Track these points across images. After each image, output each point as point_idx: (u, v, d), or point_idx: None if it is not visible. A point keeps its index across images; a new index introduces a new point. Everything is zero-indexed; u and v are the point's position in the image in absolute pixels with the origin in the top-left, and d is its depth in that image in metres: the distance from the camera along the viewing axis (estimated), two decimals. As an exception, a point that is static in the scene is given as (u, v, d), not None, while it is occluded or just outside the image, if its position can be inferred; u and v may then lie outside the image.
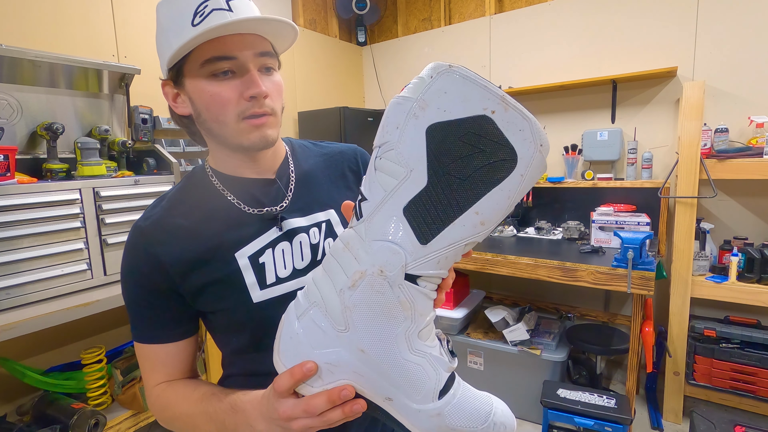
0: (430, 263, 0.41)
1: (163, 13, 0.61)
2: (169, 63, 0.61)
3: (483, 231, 0.41)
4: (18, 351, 1.59)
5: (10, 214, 1.32)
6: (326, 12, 3.36)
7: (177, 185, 0.71)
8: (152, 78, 2.10)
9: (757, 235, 2.24)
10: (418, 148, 0.39)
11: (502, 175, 0.39)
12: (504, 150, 0.38)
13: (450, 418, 0.43)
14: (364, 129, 2.95)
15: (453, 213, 0.40)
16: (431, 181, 0.39)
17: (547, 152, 0.40)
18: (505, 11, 2.93)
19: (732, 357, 2.04)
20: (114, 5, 1.96)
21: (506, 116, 0.38)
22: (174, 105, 0.65)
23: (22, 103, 1.60)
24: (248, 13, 0.59)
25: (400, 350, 0.43)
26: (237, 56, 0.59)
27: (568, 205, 2.73)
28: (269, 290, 0.64)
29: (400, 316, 0.42)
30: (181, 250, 0.63)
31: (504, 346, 2.28)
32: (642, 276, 1.83)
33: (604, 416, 1.83)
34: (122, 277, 0.67)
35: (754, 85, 2.19)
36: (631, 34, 2.48)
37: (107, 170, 1.65)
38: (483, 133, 0.38)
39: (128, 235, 0.67)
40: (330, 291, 0.44)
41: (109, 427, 1.49)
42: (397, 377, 0.43)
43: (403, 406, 0.44)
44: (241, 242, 0.64)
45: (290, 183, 0.71)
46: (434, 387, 0.43)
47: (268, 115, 0.62)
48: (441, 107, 0.38)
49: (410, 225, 0.40)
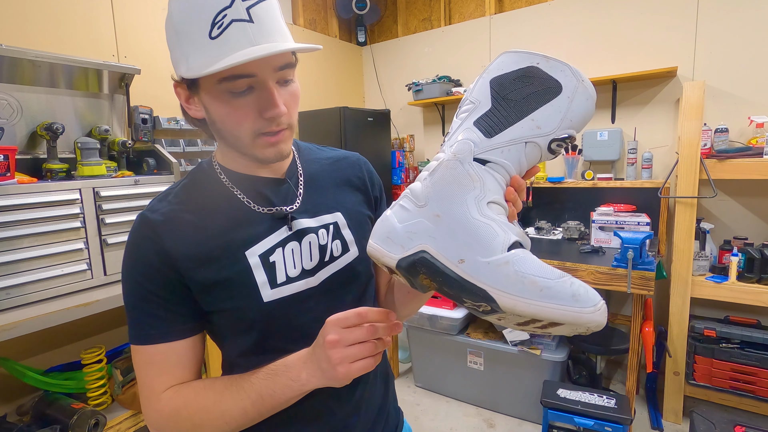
0: (495, 152, 0.51)
1: (177, 9, 0.56)
2: (184, 75, 0.58)
3: (539, 133, 0.51)
4: (18, 351, 1.59)
5: (10, 214, 1.31)
6: (326, 12, 3.36)
7: (182, 180, 0.69)
8: (152, 78, 2.10)
9: (757, 235, 2.24)
10: (483, 91, 0.54)
11: (550, 97, 0.51)
12: (550, 81, 0.51)
13: (519, 265, 0.45)
14: (364, 129, 2.95)
15: (512, 119, 0.52)
16: (494, 104, 0.53)
17: (591, 89, 0.52)
18: (505, 11, 2.93)
19: (732, 357, 2.04)
20: (114, 5, 1.96)
21: (548, 64, 0.52)
22: (187, 106, 0.63)
23: (22, 103, 1.60)
24: (270, 25, 0.56)
25: (470, 211, 0.48)
26: (257, 74, 0.56)
27: (568, 205, 2.73)
28: (279, 290, 0.64)
29: (470, 185, 0.50)
30: (190, 246, 0.61)
31: (504, 346, 2.28)
32: (642, 276, 1.83)
33: (604, 416, 1.83)
34: (126, 272, 0.62)
35: (754, 85, 2.19)
36: (631, 34, 2.48)
37: (107, 170, 1.65)
38: (532, 74, 0.52)
39: (134, 226, 0.63)
40: (415, 183, 0.54)
41: (109, 427, 1.49)
42: (467, 236, 0.47)
43: (474, 264, 0.46)
44: (251, 241, 0.63)
45: (299, 184, 0.71)
46: (503, 243, 0.46)
47: (284, 130, 0.61)
48: (499, 68, 0.54)
49: (478, 128, 0.52)
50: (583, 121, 0.53)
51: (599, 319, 0.43)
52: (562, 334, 0.48)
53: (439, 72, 3.16)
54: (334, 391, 0.63)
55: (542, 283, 0.43)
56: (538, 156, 0.53)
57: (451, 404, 2.49)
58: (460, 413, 2.40)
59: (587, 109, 0.52)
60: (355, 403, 0.71)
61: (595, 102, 0.54)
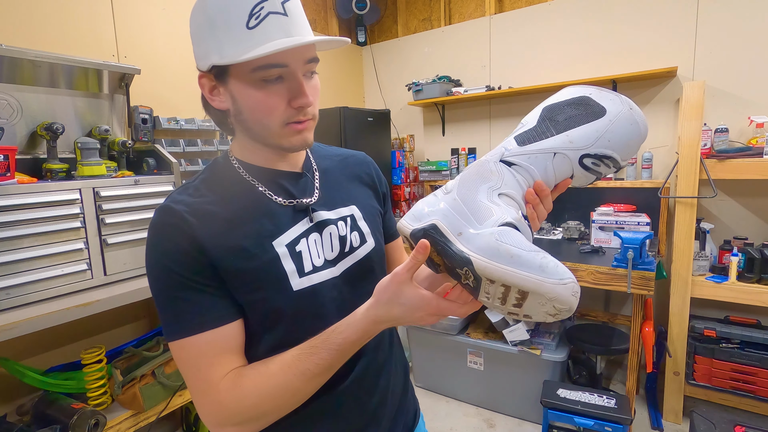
0: (522, 157, 0.57)
1: (213, 2, 0.58)
2: (216, 63, 0.60)
3: (570, 147, 0.56)
4: (18, 351, 1.59)
5: (10, 214, 1.32)
6: (326, 12, 3.36)
7: (200, 175, 0.69)
8: (152, 78, 2.10)
9: (757, 235, 2.24)
10: (535, 114, 0.61)
11: (592, 119, 0.56)
12: (596, 107, 0.57)
13: (501, 236, 0.50)
14: (364, 129, 2.95)
15: (548, 134, 0.57)
16: (539, 123, 0.59)
17: (639, 115, 0.56)
18: (505, 11, 2.93)
19: (732, 357, 2.04)
20: (114, 5, 1.96)
21: (600, 94, 0.58)
22: (210, 97, 0.64)
23: (22, 103, 1.60)
24: (302, 20, 0.61)
25: (479, 195, 0.55)
26: (289, 64, 0.59)
27: (568, 205, 2.73)
28: (307, 278, 0.65)
29: (489, 178, 0.56)
30: (218, 236, 0.60)
31: (504, 346, 2.28)
32: (642, 276, 1.83)
33: (604, 416, 1.83)
34: (156, 264, 0.59)
35: (754, 85, 2.19)
36: (631, 34, 2.48)
37: (107, 170, 1.65)
38: (582, 102, 0.58)
39: (157, 217, 0.61)
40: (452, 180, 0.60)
41: (109, 427, 1.49)
42: (469, 213, 0.54)
43: (467, 235, 0.52)
44: (276, 231, 0.65)
45: (315, 177, 0.74)
46: (496, 221, 0.52)
47: (309, 120, 0.64)
48: (555, 98, 0.61)
49: (515, 140, 0.59)
50: (624, 143, 0.56)
51: (562, 292, 0.45)
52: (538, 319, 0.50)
53: (439, 72, 3.16)
54: (362, 384, 0.70)
55: (515, 251, 0.48)
56: (568, 169, 0.57)
57: (451, 404, 2.49)
58: (460, 413, 2.40)
59: (630, 133, 0.56)
60: (381, 394, 0.74)
61: (645, 128, 0.57)
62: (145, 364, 1.64)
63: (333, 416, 0.69)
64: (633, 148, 0.57)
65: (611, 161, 0.56)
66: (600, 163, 0.56)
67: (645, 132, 0.57)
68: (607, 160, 0.56)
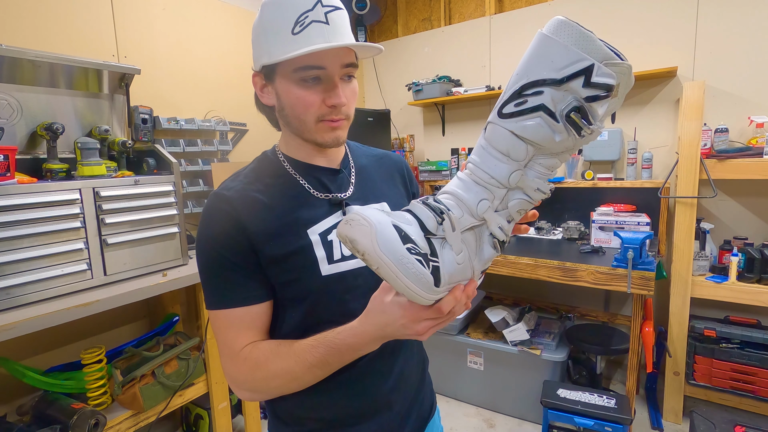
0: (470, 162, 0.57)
1: (268, 12, 0.68)
2: (265, 63, 0.69)
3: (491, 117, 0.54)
4: (18, 351, 1.59)
5: (10, 214, 1.32)
6: (326, 12, 3.36)
7: (250, 165, 0.77)
8: (152, 78, 2.10)
9: (757, 235, 2.24)
10: None
11: None
12: None
13: (415, 209, 0.54)
14: (364, 129, 2.95)
15: None
16: None
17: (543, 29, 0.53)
18: (505, 11, 2.93)
19: (732, 357, 2.04)
20: (114, 5, 1.96)
21: None
22: (261, 94, 0.74)
23: (22, 103, 1.60)
24: (342, 29, 0.68)
25: None
26: (326, 67, 0.67)
27: (568, 205, 2.73)
28: (335, 265, 0.72)
29: None
30: (261, 222, 0.69)
31: (504, 346, 2.28)
32: (642, 276, 1.83)
33: (604, 416, 1.83)
34: (205, 243, 0.69)
35: (754, 85, 2.19)
36: (630, 34, 2.48)
37: (107, 170, 1.65)
38: None
39: (210, 203, 0.71)
40: None
41: (109, 427, 1.49)
42: None
43: None
44: (312, 221, 0.72)
45: (351, 174, 0.81)
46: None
47: (342, 120, 0.71)
48: None
49: None
50: (527, 60, 0.51)
51: None
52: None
53: (439, 72, 3.16)
54: (376, 367, 0.75)
55: None
56: (504, 135, 0.53)
57: (450, 404, 2.49)
58: (460, 413, 2.40)
59: (534, 48, 0.53)
60: (395, 380, 0.78)
61: (546, 29, 0.50)
62: (145, 364, 1.64)
63: (345, 397, 0.74)
64: (546, 58, 0.49)
65: (535, 85, 0.48)
66: (525, 99, 0.48)
67: (551, 32, 0.49)
68: (529, 89, 0.48)
